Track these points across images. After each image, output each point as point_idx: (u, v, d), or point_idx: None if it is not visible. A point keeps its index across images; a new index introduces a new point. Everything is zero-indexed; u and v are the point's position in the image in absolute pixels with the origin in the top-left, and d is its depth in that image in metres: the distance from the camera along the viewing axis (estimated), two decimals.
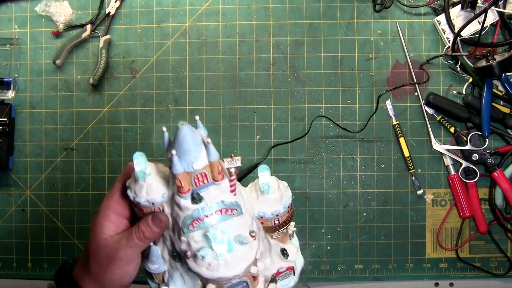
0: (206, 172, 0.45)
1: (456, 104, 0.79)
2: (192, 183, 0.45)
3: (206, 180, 0.45)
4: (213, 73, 0.83)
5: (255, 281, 0.49)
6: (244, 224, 0.47)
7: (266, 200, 0.51)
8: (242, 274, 0.46)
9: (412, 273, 0.82)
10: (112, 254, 0.47)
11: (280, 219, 0.52)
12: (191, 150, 0.43)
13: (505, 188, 0.78)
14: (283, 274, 0.52)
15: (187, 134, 0.43)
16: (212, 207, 0.45)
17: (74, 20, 0.84)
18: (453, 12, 0.79)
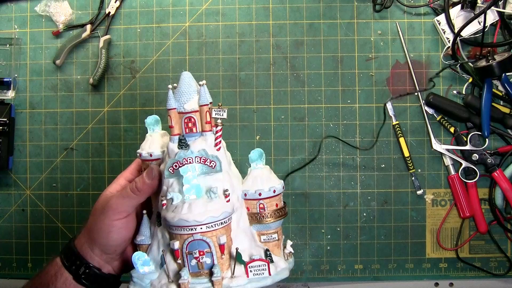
0: (195, 118, 0.50)
1: (456, 104, 0.79)
2: (182, 127, 0.50)
3: (195, 128, 0.50)
4: (213, 73, 0.83)
5: (222, 255, 0.49)
6: (219, 180, 0.50)
7: (252, 177, 0.52)
8: (205, 229, 0.47)
9: (412, 273, 0.82)
10: (105, 203, 0.51)
11: (266, 205, 0.52)
12: (185, 91, 0.49)
13: (505, 188, 0.78)
14: (255, 265, 0.49)
15: (185, 78, 0.50)
16: (193, 153, 0.49)
17: (74, 20, 0.84)
18: (453, 12, 0.79)
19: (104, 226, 0.50)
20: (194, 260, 0.48)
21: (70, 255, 0.52)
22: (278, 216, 0.53)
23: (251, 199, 0.52)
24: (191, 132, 0.50)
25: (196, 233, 0.47)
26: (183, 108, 0.50)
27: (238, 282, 0.48)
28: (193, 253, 0.48)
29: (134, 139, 0.83)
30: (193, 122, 0.50)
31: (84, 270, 0.51)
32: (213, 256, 0.48)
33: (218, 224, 0.48)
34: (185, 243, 0.48)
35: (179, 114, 0.50)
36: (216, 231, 0.48)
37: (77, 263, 0.51)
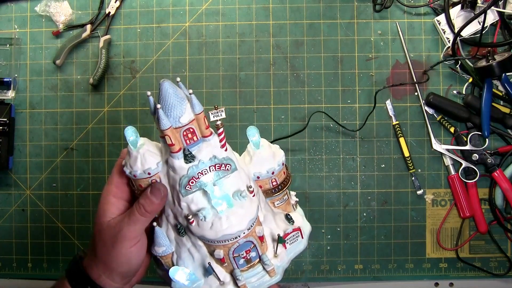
0: (194, 127, 0.46)
1: (456, 104, 0.79)
2: (182, 141, 0.46)
3: (195, 137, 0.46)
4: (213, 73, 0.83)
5: (262, 243, 0.50)
6: (240, 179, 0.48)
7: (259, 159, 0.51)
8: (247, 232, 0.47)
9: (412, 273, 0.82)
10: (115, 234, 0.47)
11: (277, 179, 0.52)
12: (175, 104, 0.44)
13: (505, 188, 0.78)
14: (290, 236, 0.52)
15: (169, 88, 0.44)
16: (205, 163, 0.46)
17: (74, 20, 0.84)
18: (453, 12, 0.79)
19: (122, 256, 0.48)
20: (242, 259, 0.49)
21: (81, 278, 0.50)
22: (287, 184, 0.54)
23: (265, 178, 0.52)
24: (192, 142, 0.47)
25: (240, 239, 0.47)
26: (179, 123, 0.46)
27: (283, 258, 0.52)
28: (240, 255, 0.49)
29: None
30: (192, 131, 0.46)
31: None
32: (257, 249, 0.49)
33: (255, 221, 0.48)
34: (230, 250, 0.48)
35: (175, 129, 0.46)
36: (254, 227, 0.48)
37: (82, 281, 0.50)
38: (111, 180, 0.50)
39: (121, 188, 0.50)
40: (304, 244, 0.55)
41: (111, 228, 0.48)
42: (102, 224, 0.49)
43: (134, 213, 0.47)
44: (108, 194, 0.50)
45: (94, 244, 0.50)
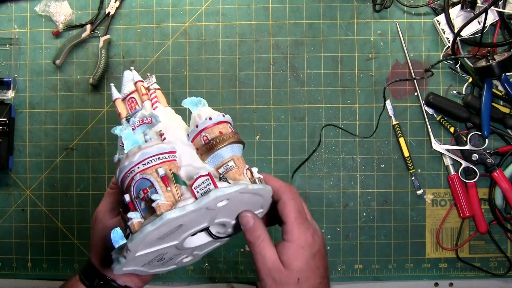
0: (135, 97, 0.55)
1: (456, 104, 0.79)
2: (128, 110, 0.55)
3: (137, 106, 0.55)
4: (213, 73, 0.83)
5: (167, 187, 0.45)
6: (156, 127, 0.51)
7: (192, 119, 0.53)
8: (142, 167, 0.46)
9: (412, 273, 0.82)
10: (95, 214, 0.54)
11: (208, 135, 0.50)
12: (124, 83, 0.57)
13: (505, 188, 0.78)
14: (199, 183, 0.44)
15: (124, 75, 0.57)
16: (135, 121, 0.52)
17: (74, 20, 0.84)
18: (453, 12, 0.79)
19: (99, 233, 0.52)
20: (142, 202, 0.45)
21: (88, 270, 0.54)
22: (224, 141, 0.49)
23: (194, 136, 0.51)
24: (134, 110, 0.55)
25: (135, 174, 0.46)
26: (123, 94, 0.56)
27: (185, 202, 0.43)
28: (139, 196, 0.45)
29: None
30: (134, 101, 0.55)
31: (98, 282, 0.52)
32: (156, 190, 0.45)
33: (155, 160, 0.46)
34: (131, 191, 0.46)
35: (123, 101, 0.56)
36: (155, 167, 0.46)
37: (92, 275, 0.52)
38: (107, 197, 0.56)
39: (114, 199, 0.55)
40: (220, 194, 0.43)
41: (95, 212, 0.54)
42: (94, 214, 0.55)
43: (107, 191, 0.55)
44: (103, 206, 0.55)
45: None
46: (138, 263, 0.47)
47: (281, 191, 0.49)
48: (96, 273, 0.52)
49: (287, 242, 0.47)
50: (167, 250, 0.47)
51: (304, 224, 0.48)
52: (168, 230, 0.43)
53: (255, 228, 0.48)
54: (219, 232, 0.51)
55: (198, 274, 0.82)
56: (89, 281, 0.52)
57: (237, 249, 0.82)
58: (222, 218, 0.48)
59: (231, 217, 0.49)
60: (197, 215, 0.44)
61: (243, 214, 0.48)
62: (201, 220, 0.46)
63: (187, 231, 0.46)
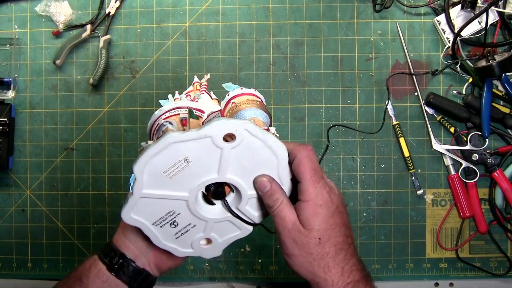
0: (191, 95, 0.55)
1: (456, 104, 0.79)
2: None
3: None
4: (213, 73, 0.83)
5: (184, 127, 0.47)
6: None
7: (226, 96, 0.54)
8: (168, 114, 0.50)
9: (412, 273, 0.82)
10: None
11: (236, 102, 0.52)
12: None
13: (505, 188, 0.78)
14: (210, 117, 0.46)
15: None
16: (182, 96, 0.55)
17: (74, 20, 0.84)
18: (453, 12, 0.79)
19: None
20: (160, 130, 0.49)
21: (106, 248, 0.52)
22: (248, 103, 0.50)
23: (226, 104, 0.52)
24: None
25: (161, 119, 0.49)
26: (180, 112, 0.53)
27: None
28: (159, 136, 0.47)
29: (134, 139, 0.83)
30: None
31: (117, 260, 0.50)
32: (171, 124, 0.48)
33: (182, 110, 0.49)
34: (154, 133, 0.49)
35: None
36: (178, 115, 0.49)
37: (111, 254, 0.51)
38: None
39: None
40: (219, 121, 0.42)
41: None
42: None
43: None
44: None
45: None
46: (147, 214, 0.46)
47: (296, 149, 0.47)
48: (115, 252, 0.51)
49: (303, 202, 0.46)
50: (179, 207, 0.46)
51: (320, 182, 0.47)
52: (172, 159, 0.43)
53: (273, 192, 0.47)
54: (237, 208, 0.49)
55: (198, 274, 0.82)
56: (108, 259, 0.51)
57: (237, 249, 0.82)
58: (233, 176, 0.46)
59: (245, 180, 0.47)
60: (205, 153, 0.43)
61: (259, 178, 0.47)
62: (210, 163, 0.44)
63: (196, 177, 0.45)
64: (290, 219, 0.46)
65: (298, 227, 0.46)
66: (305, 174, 0.46)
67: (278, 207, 0.46)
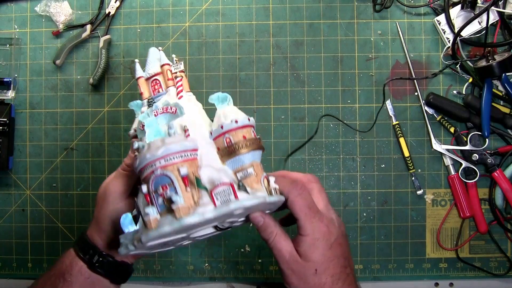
0: (160, 79, 0.54)
1: (456, 104, 0.79)
2: (150, 91, 0.55)
3: (160, 89, 0.54)
4: (213, 73, 0.83)
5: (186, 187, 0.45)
6: (179, 120, 0.50)
7: (217, 117, 0.52)
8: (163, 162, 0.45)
9: (412, 273, 0.82)
10: (104, 192, 0.53)
11: (232, 138, 0.50)
12: (149, 61, 0.55)
13: (505, 188, 0.78)
14: (221, 191, 0.45)
15: (150, 51, 0.55)
16: (157, 106, 0.51)
17: (74, 20, 0.84)
18: (453, 12, 0.79)
19: (108, 213, 0.52)
20: (160, 198, 0.45)
21: (84, 245, 0.54)
22: (247, 147, 0.50)
23: (217, 136, 0.50)
24: (157, 93, 0.54)
25: (156, 169, 0.45)
26: (148, 74, 0.55)
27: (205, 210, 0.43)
28: (158, 191, 0.45)
29: None
30: (159, 83, 0.54)
31: (98, 259, 0.53)
32: (176, 190, 0.44)
33: (177, 157, 0.45)
34: (149, 183, 0.46)
35: (146, 81, 0.55)
36: (176, 164, 0.45)
37: (90, 252, 0.53)
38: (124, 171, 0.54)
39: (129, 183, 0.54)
40: (239, 206, 0.44)
41: (103, 188, 0.54)
42: (101, 186, 0.54)
43: (118, 170, 0.54)
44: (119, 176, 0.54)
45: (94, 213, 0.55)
46: (144, 249, 0.48)
47: (285, 191, 0.49)
48: (93, 249, 0.53)
49: (302, 236, 0.48)
50: (174, 239, 0.48)
51: (316, 217, 0.48)
52: (183, 230, 0.45)
53: (266, 226, 0.49)
54: (223, 225, 0.51)
55: (198, 274, 0.82)
56: (87, 256, 0.53)
57: (237, 249, 0.82)
58: (232, 219, 0.49)
59: (241, 217, 0.50)
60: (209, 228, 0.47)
61: (253, 215, 0.49)
62: (214, 221, 0.47)
63: (198, 228, 0.48)
64: (286, 250, 0.48)
65: (296, 257, 0.48)
66: (300, 212, 0.48)
67: (273, 239, 0.49)
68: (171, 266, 0.82)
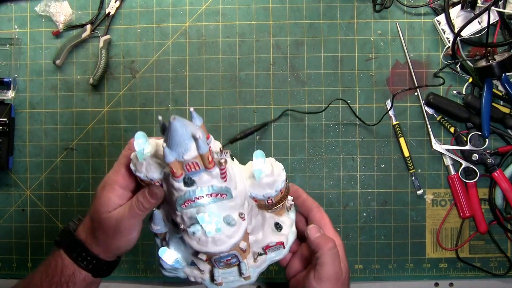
0: (197, 161, 0.47)
1: (456, 104, 0.79)
2: (184, 169, 0.47)
3: (197, 167, 0.47)
4: (213, 73, 0.83)
5: (244, 253, 0.53)
6: (233, 206, 0.50)
7: (259, 184, 0.52)
8: (229, 250, 0.50)
9: (412, 273, 0.82)
10: (117, 225, 0.51)
11: (273, 199, 0.53)
12: (181, 142, 0.45)
13: (505, 188, 0.78)
14: (272, 247, 0.55)
15: (177, 128, 0.44)
16: (202, 191, 0.48)
17: (74, 20, 0.84)
18: (453, 12, 0.79)
19: (121, 243, 0.53)
20: (222, 263, 0.53)
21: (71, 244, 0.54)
22: (283, 201, 0.55)
23: (261, 200, 0.53)
24: (194, 171, 0.47)
25: (223, 253, 0.50)
26: (182, 159, 0.46)
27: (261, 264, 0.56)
28: (221, 261, 0.52)
29: None
30: (195, 163, 0.47)
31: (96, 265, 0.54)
32: (238, 258, 0.53)
33: (239, 242, 0.50)
34: (213, 258, 0.52)
35: (179, 162, 0.47)
36: (239, 243, 0.50)
37: (87, 258, 0.54)
38: (118, 170, 0.52)
39: (127, 178, 0.52)
40: (284, 253, 0.57)
41: (113, 219, 0.51)
42: (104, 215, 0.51)
43: (134, 209, 0.51)
44: (114, 183, 0.52)
45: (94, 228, 0.53)
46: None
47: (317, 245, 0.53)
48: (92, 256, 0.54)
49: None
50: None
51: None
52: None
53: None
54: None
55: None
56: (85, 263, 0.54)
57: None
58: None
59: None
60: None
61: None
62: None
63: None
64: None
65: None
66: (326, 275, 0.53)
67: None
68: None
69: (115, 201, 0.52)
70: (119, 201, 0.52)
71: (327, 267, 0.52)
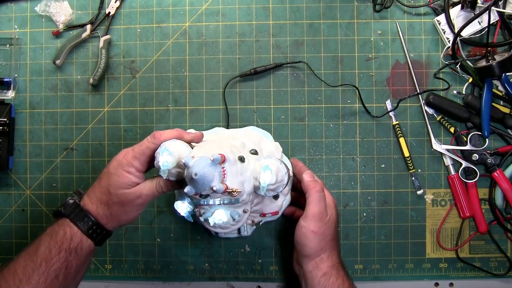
0: None
1: (456, 104, 0.79)
2: None
3: None
4: (213, 73, 0.83)
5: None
6: (239, 206, 0.62)
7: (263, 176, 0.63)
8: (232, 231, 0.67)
9: (412, 273, 0.82)
10: (134, 200, 0.61)
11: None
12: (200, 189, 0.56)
13: (505, 188, 0.78)
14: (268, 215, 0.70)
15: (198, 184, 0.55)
16: (215, 202, 0.60)
17: (74, 20, 0.84)
18: (453, 12, 0.79)
19: (131, 217, 0.63)
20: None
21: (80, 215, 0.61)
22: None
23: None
24: None
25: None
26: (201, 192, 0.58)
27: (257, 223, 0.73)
28: None
29: (134, 139, 0.83)
30: None
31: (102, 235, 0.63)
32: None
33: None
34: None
35: None
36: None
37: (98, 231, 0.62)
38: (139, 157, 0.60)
39: (145, 166, 0.62)
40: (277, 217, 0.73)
41: (131, 195, 0.60)
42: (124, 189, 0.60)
43: (153, 189, 0.61)
44: (130, 165, 0.60)
45: (109, 201, 0.61)
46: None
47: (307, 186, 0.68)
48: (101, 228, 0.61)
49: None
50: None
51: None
52: None
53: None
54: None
55: (198, 274, 0.82)
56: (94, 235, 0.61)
57: (237, 249, 0.82)
58: None
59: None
60: None
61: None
62: None
63: None
64: None
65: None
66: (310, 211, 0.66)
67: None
68: (171, 266, 0.82)
69: (133, 180, 0.60)
70: (136, 180, 0.61)
71: (312, 206, 0.64)
